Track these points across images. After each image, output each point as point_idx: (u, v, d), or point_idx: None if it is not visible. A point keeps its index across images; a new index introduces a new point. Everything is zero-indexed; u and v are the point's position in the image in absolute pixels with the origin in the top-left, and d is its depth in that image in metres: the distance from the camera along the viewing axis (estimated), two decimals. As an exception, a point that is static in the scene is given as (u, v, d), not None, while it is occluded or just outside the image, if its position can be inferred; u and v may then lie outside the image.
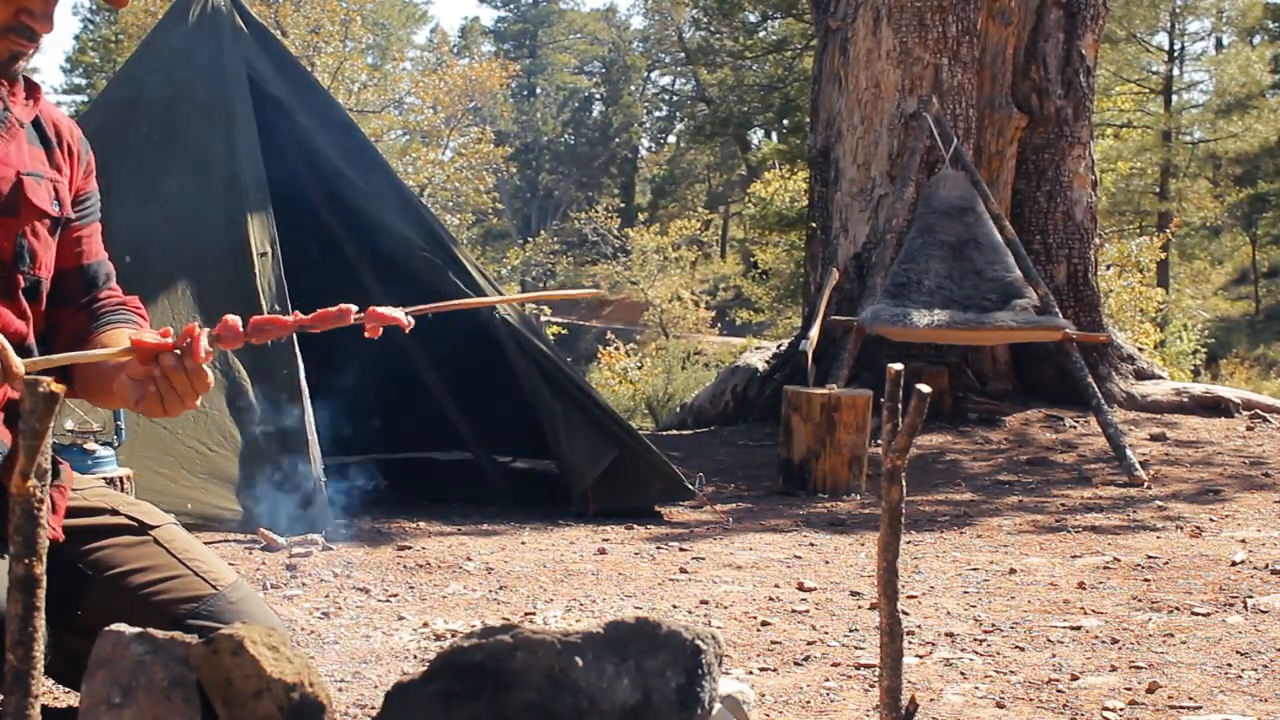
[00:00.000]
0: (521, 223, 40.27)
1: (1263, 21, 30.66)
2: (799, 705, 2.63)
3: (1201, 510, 5.61)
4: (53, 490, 1.85)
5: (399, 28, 36.91)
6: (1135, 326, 14.20)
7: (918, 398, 1.62)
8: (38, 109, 1.94)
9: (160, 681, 1.44)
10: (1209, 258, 32.71)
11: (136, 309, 2.05)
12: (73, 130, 2.02)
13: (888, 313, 6.86)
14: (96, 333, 1.96)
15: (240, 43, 5.66)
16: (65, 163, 1.98)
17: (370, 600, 3.67)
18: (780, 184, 20.37)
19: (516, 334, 5.62)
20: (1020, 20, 8.94)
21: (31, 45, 1.84)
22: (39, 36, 1.84)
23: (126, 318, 2.01)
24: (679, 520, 5.50)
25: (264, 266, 5.17)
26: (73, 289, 1.98)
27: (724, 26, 25.30)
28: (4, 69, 1.84)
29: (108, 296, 2.03)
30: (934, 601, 3.72)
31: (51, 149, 1.95)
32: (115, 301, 2.03)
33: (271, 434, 4.82)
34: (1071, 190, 9.01)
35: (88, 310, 1.99)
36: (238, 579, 1.99)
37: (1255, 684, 2.78)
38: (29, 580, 1.15)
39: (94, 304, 2.01)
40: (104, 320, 1.99)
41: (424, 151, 23.97)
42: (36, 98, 1.94)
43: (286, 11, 20.44)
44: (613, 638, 1.52)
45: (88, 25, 41.00)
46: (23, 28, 1.81)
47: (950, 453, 7.53)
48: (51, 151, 1.95)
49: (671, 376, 14.78)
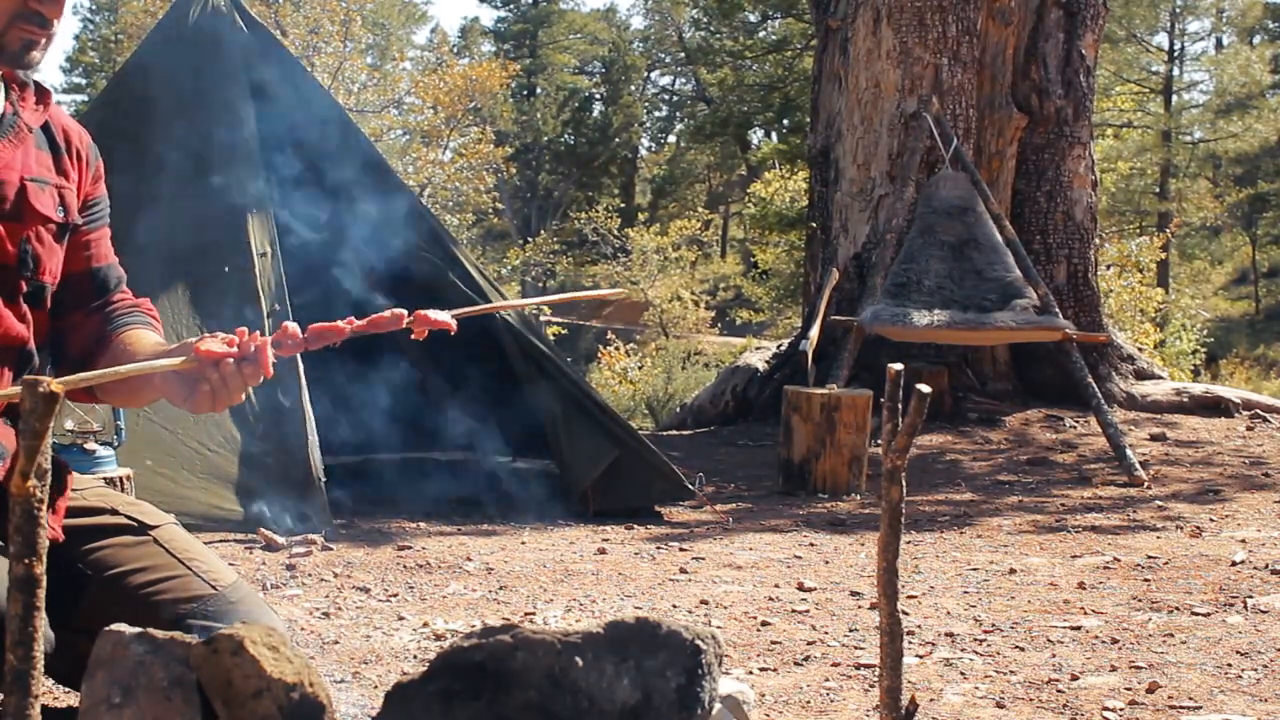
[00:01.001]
0: (521, 223, 40.26)
1: (1263, 21, 30.69)
2: (799, 705, 2.63)
3: (1201, 510, 5.61)
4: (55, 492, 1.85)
5: (399, 28, 36.88)
6: (1135, 326, 14.20)
7: (918, 398, 1.62)
8: (47, 114, 1.95)
9: (160, 681, 1.44)
10: (1209, 258, 32.72)
11: (149, 311, 2.07)
12: (82, 136, 2.02)
13: (888, 313, 6.86)
14: (114, 334, 1.98)
15: (240, 43, 5.67)
16: (74, 168, 1.98)
17: (370, 600, 3.67)
18: (780, 184, 20.38)
19: (517, 334, 5.62)
20: (1020, 20, 8.94)
21: (44, 34, 1.82)
22: (51, 23, 1.82)
23: (142, 319, 2.03)
24: (679, 520, 5.50)
25: (264, 266, 5.17)
26: (83, 293, 1.99)
27: (724, 26, 25.33)
28: (17, 59, 1.82)
29: (120, 299, 2.05)
30: (934, 601, 3.72)
31: (60, 155, 1.95)
32: (129, 304, 2.05)
33: (271, 434, 4.82)
34: (1071, 190, 9.01)
35: (101, 313, 2.01)
36: (238, 579, 1.99)
37: (1255, 684, 2.78)
38: (29, 580, 1.15)
39: (107, 306, 2.02)
40: (120, 323, 2.00)
41: (424, 151, 23.96)
42: (47, 103, 1.94)
43: (286, 11, 20.44)
44: (613, 638, 1.52)
45: (88, 25, 41.01)
46: (32, 14, 1.79)
47: (950, 453, 7.53)
48: (60, 157, 1.95)
49: (671, 376, 14.78)
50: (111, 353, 1.95)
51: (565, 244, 33.03)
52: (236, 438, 4.79)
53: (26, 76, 1.90)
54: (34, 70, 1.88)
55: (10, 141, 1.86)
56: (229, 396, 1.77)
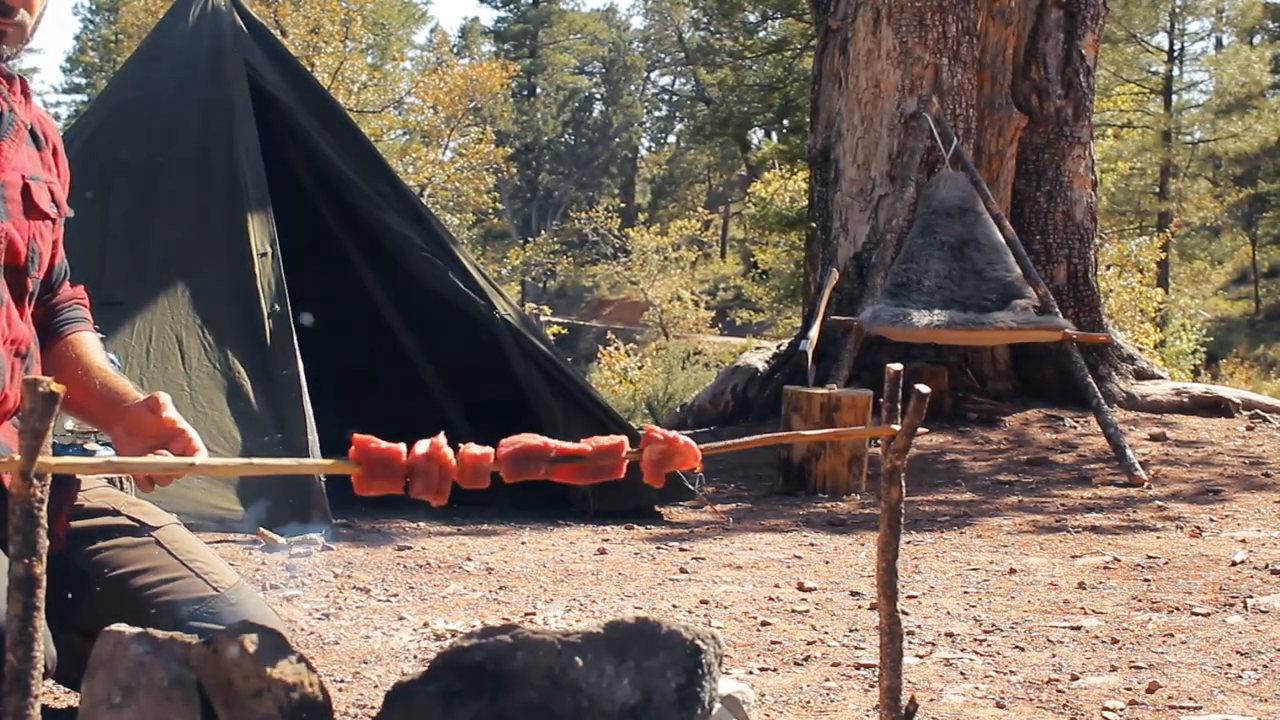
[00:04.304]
0: (521, 223, 40.26)
1: (1263, 21, 30.68)
2: (799, 705, 2.63)
3: (1201, 510, 5.61)
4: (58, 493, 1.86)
5: (399, 28, 36.89)
6: (1135, 326, 14.21)
7: (917, 398, 1.62)
8: (30, 108, 1.94)
9: (160, 681, 1.44)
10: (1209, 258, 32.72)
11: (83, 301, 2.12)
12: (54, 127, 2.03)
13: (888, 313, 6.86)
14: (60, 334, 2.04)
15: (240, 43, 5.67)
16: (54, 163, 1.98)
17: (370, 600, 3.66)
18: (780, 184, 20.38)
19: (516, 334, 5.62)
20: (1020, 20, 8.94)
21: (8, 22, 1.79)
22: (14, 11, 1.79)
23: (81, 317, 2.09)
24: (679, 520, 5.50)
25: (264, 266, 5.16)
26: (42, 286, 2.00)
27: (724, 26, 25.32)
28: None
29: (61, 291, 2.08)
30: (934, 601, 3.72)
31: (42, 150, 1.95)
32: (67, 297, 2.09)
33: (272, 434, 4.82)
34: (1071, 190, 9.00)
35: (46, 305, 2.03)
36: (239, 580, 1.99)
37: (1255, 684, 2.78)
38: (29, 580, 1.15)
39: (52, 299, 2.06)
40: (63, 318, 2.06)
41: (424, 151, 23.96)
42: (29, 96, 1.94)
43: (286, 11, 20.44)
44: (613, 638, 1.52)
45: (88, 25, 41.02)
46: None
47: (950, 453, 7.52)
48: (43, 153, 1.95)
49: (671, 376, 14.79)
50: (55, 355, 2.00)
51: (565, 244, 33.04)
52: (237, 438, 4.79)
53: (11, 69, 1.89)
54: (5, 62, 1.86)
55: (11, 141, 1.86)
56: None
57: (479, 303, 5.62)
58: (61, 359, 1.98)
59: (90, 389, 1.92)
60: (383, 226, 5.66)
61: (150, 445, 1.78)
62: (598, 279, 35.20)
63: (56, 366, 1.95)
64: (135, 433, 1.81)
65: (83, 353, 2.00)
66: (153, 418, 1.80)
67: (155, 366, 4.82)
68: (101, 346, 2.09)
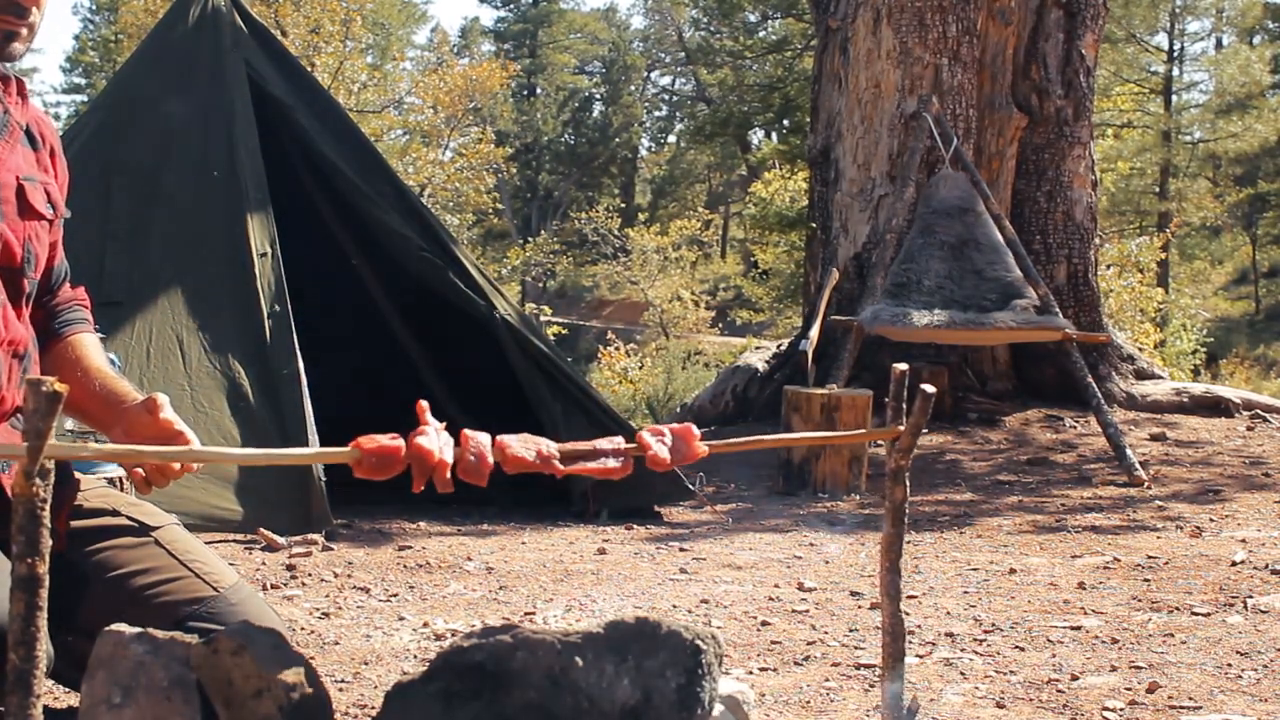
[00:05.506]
0: (521, 223, 40.25)
1: (1263, 21, 30.66)
2: (799, 705, 2.63)
3: (1201, 510, 5.61)
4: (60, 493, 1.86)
5: (399, 28, 36.88)
6: (1135, 326, 14.20)
7: (923, 398, 1.62)
8: (27, 108, 1.94)
9: (160, 681, 1.44)
10: (1209, 258, 32.71)
11: (83, 302, 2.12)
12: (51, 127, 2.02)
13: (888, 313, 6.86)
14: (61, 335, 2.04)
15: (240, 43, 5.66)
16: (51, 163, 1.98)
17: (370, 600, 3.66)
18: (780, 184, 20.37)
19: (516, 334, 5.62)
20: (1020, 20, 8.94)
21: (22, 23, 1.80)
22: (29, 12, 1.79)
23: (82, 317, 2.09)
24: (679, 520, 5.50)
25: (264, 266, 5.16)
26: (41, 288, 2.00)
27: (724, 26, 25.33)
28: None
29: (62, 293, 2.08)
30: (934, 601, 3.72)
31: (39, 150, 1.95)
32: (68, 298, 2.09)
33: (272, 434, 4.82)
34: (1071, 190, 9.00)
35: (46, 307, 2.03)
36: (239, 580, 1.99)
37: (1255, 684, 2.78)
38: (31, 580, 1.16)
39: (53, 300, 2.06)
40: (64, 320, 2.06)
41: (424, 151, 23.95)
42: (25, 96, 1.93)
43: (286, 11, 20.42)
44: (613, 638, 1.52)
45: (88, 25, 41.01)
46: (8, 3, 1.77)
47: (950, 453, 7.52)
48: (39, 153, 1.95)
49: (671, 376, 14.78)
50: (55, 356, 2.00)
51: (565, 244, 33.03)
52: (236, 438, 4.79)
53: (8, 70, 1.89)
54: (15, 63, 1.86)
55: (6, 142, 1.86)
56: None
57: (479, 303, 5.62)
58: (61, 360, 1.98)
59: (89, 390, 1.92)
60: (383, 226, 5.66)
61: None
62: (598, 279, 35.18)
63: (56, 367, 1.95)
64: (134, 434, 1.81)
65: (82, 354, 2.00)
66: (150, 419, 1.81)
67: (155, 366, 4.82)
68: (101, 347, 2.09)
